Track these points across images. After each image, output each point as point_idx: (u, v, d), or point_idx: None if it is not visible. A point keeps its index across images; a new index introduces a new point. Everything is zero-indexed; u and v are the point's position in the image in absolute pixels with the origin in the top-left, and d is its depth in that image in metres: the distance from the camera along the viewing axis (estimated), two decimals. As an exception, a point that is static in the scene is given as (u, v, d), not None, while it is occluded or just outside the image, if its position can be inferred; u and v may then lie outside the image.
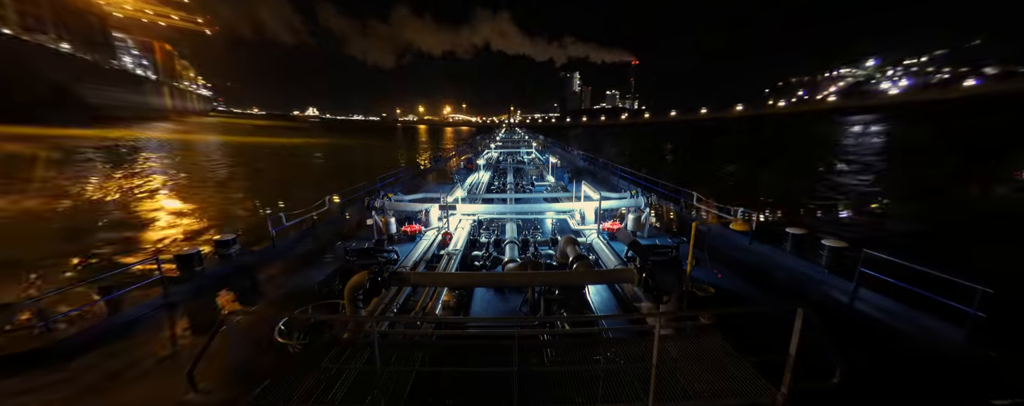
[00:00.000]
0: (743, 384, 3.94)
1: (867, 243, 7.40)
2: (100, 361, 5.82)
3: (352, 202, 14.20)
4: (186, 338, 6.85)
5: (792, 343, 3.72)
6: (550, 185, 18.89)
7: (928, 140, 53.13)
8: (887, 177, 29.87)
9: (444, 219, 10.82)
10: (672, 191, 14.50)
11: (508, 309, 7.57)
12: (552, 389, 3.97)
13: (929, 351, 5.74)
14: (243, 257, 9.36)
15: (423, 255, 9.10)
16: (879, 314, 6.64)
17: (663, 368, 4.06)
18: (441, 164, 33.19)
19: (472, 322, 6.57)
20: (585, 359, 4.43)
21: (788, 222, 12.96)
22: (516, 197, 15.41)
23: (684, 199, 14.08)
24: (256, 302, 8.61)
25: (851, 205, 21.12)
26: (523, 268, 7.63)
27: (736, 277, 9.66)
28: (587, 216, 11.17)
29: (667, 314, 5.00)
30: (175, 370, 6.07)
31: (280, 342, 6.75)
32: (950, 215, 19.39)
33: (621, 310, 7.15)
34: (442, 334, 5.98)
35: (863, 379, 5.71)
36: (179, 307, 7.38)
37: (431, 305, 6.60)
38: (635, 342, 4.72)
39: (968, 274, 5.64)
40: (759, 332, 6.66)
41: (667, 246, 8.45)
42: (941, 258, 6.46)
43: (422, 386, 4.04)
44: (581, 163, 28.64)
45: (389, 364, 4.43)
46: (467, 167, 25.09)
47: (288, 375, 4.11)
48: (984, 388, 5.00)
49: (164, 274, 7.35)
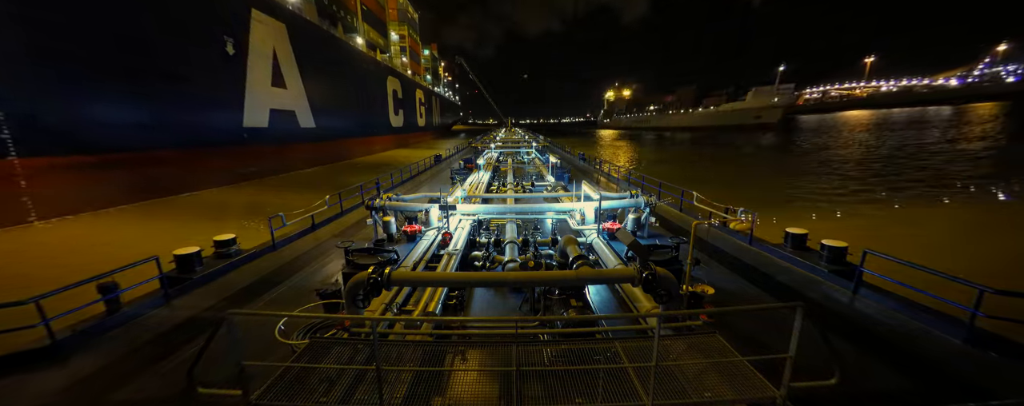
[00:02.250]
0: (743, 384, 3.94)
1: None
2: (99, 361, 5.82)
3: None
4: (186, 338, 6.85)
5: (792, 342, 3.72)
6: (550, 185, 18.89)
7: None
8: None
9: (444, 219, 10.81)
10: (672, 191, 14.51)
11: (508, 309, 7.57)
12: (552, 389, 3.97)
13: (929, 351, 5.74)
14: (243, 257, 9.36)
15: (423, 255, 9.09)
16: (879, 314, 6.64)
17: (663, 368, 4.06)
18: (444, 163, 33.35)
19: (472, 322, 6.57)
20: (585, 359, 4.43)
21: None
22: (516, 197, 15.41)
23: (684, 199, 14.10)
24: (256, 302, 8.62)
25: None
26: (523, 268, 7.64)
27: (736, 277, 9.67)
28: (587, 216, 11.17)
29: (667, 314, 5.00)
30: (175, 370, 6.09)
31: (280, 342, 6.77)
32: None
33: (621, 310, 7.15)
34: (442, 334, 5.98)
35: (863, 379, 5.71)
36: (179, 307, 7.38)
37: (432, 305, 6.60)
38: (635, 342, 4.72)
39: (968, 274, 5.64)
40: (759, 332, 6.69)
41: (667, 246, 8.45)
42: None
43: (422, 386, 4.04)
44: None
45: (389, 364, 4.43)
46: (467, 167, 25.09)
47: (288, 375, 4.12)
48: (984, 388, 5.00)
49: (164, 273, 7.35)
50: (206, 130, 25.47)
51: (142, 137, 20.85)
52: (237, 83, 27.83)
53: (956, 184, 25.23)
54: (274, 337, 6.85)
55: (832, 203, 21.65)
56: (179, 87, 23.10)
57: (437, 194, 11.64)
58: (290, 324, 7.28)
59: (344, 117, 45.30)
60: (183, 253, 8.20)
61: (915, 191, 23.67)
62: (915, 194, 22.96)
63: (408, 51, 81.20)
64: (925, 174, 28.70)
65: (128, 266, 6.85)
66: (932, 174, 28.65)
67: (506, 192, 17.68)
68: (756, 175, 33.99)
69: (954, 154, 37.34)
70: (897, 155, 38.83)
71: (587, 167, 29.87)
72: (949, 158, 35.10)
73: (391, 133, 62.99)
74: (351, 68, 47.57)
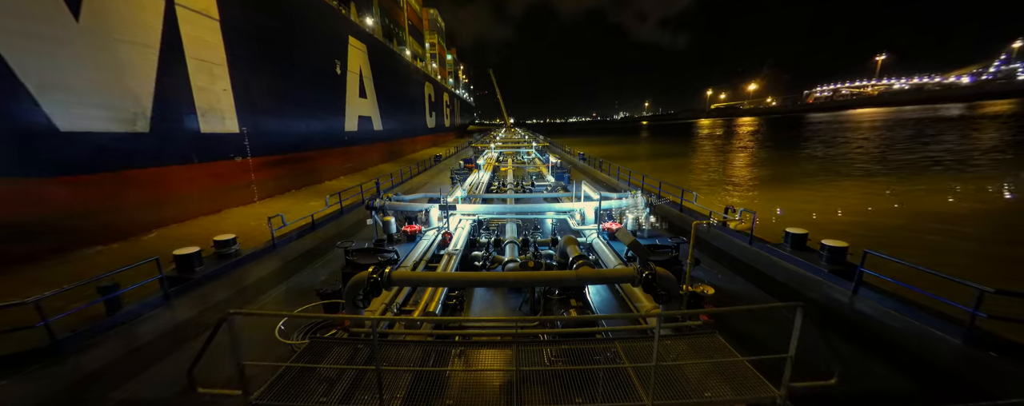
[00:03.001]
0: (743, 384, 3.94)
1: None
2: (99, 361, 5.82)
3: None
4: (186, 338, 6.85)
5: (792, 342, 3.72)
6: (550, 185, 18.88)
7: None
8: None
9: (444, 219, 10.81)
10: (672, 191, 14.52)
11: (508, 309, 7.57)
12: (552, 389, 3.97)
13: (929, 351, 5.74)
14: (243, 257, 9.36)
15: (423, 255, 9.09)
16: (879, 314, 6.64)
17: (663, 368, 4.07)
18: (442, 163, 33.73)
19: (472, 322, 6.57)
20: (585, 359, 4.44)
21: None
22: (516, 197, 15.41)
23: (684, 199, 14.10)
24: (256, 302, 8.62)
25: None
26: (523, 268, 7.64)
27: (736, 277, 9.67)
28: (587, 216, 11.17)
29: (667, 314, 5.00)
30: (175, 370, 6.08)
31: (280, 342, 6.78)
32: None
33: (621, 310, 7.15)
34: (442, 334, 5.98)
35: (863, 379, 5.71)
36: (179, 307, 7.38)
37: (432, 305, 6.60)
38: (635, 342, 4.72)
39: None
40: (759, 332, 6.69)
41: (667, 246, 8.44)
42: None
43: (422, 386, 4.04)
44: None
45: (389, 364, 4.43)
46: (467, 167, 25.10)
47: (288, 375, 4.12)
48: (984, 388, 5.00)
49: (164, 273, 7.35)
50: (328, 135, 32.17)
51: (301, 143, 27.66)
52: (341, 96, 34.54)
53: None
54: (274, 337, 6.86)
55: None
56: (319, 104, 30.61)
57: (437, 194, 11.63)
58: (290, 324, 7.28)
59: (399, 120, 52.16)
60: (183, 253, 8.21)
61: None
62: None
63: (438, 58, 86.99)
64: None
65: (128, 266, 6.85)
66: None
67: (506, 192, 17.69)
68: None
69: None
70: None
71: (587, 167, 29.90)
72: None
73: (428, 133, 71.11)
74: (404, 78, 55.01)
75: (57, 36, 13.04)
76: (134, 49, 15.57)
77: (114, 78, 14.92)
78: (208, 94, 19.20)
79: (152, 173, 16.51)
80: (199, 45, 18.59)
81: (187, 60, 17.92)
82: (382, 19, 49.16)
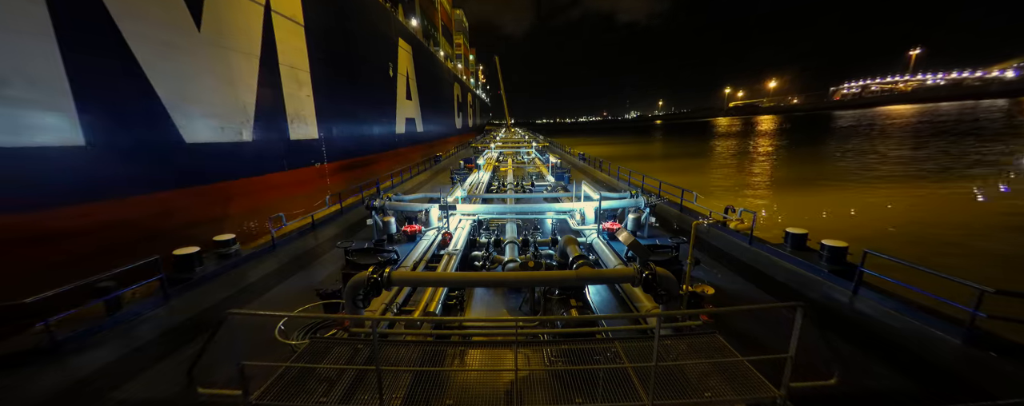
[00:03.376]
0: (743, 384, 3.94)
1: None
2: (99, 361, 5.82)
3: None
4: (185, 338, 6.85)
5: (792, 342, 3.72)
6: (550, 185, 18.88)
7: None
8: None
9: (444, 219, 10.81)
10: (672, 191, 14.52)
11: (508, 309, 7.56)
12: (552, 389, 3.97)
13: (929, 351, 5.74)
14: (243, 257, 9.36)
15: (423, 255, 9.09)
16: (879, 314, 6.64)
17: (663, 368, 4.07)
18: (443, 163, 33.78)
19: (472, 322, 6.57)
20: (585, 359, 4.43)
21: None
22: (516, 197, 15.41)
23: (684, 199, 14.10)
24: (256, 302, 8.62)
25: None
26: (523, 268, 7.64)
27: (736, 277, 9.67)
28: (587, 216, 11.17)
29: (667, 314, 5.00)
30: (175, 370, 6.08)
31: (280, 342, 6.77)
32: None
33: (621, 310, 7.15)
34: (442, 334, 5.98)
35: (863, 379, 5.71)
36: (178, 307, 7.38)
37: (432, 305, 6.60)
38: (635, 342, 4.72)
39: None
40: (759, 332, 6.69)
41: (667, 246, 8.44)
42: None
43: (422, 386, 4.04)
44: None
45: (389, 364, 4.43)
46: (467, 167, 25.11)
47: (288, 375, 4.12)
48: (984, 388, 5.00)
49: (164, 273, 7.35)
50: (384, 138, 33.14)
51: (366, 146, 28.87)
52: (392, 98, 35.13)
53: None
54: (274, 337, 6.85)
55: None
56: (377, 106, 31.58)
57: (437, 194, 11.62)
58: (290, 324, 7.28)
59: (437, 122, 53.30)
60: (182, 253, 8.20)
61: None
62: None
63: (462, 58, 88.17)
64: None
65: (128, 266, 6.85)
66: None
67: (506, 192, 17.69)
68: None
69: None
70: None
71: (587, 167, 29.90)
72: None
73: (456, 134, 72.33)
74: (439, 79, 55.93)
75: (184, 45, 12.95)
76: (242, 58, 15.50)
77: (228, 88, 14.83)
78: (296, 101, 19.28)
79: (255, 182, 16.47)
80: (290, 52, 18.77)
81: (280, 67, 17.98)
82: (421, 20, 49.60)
